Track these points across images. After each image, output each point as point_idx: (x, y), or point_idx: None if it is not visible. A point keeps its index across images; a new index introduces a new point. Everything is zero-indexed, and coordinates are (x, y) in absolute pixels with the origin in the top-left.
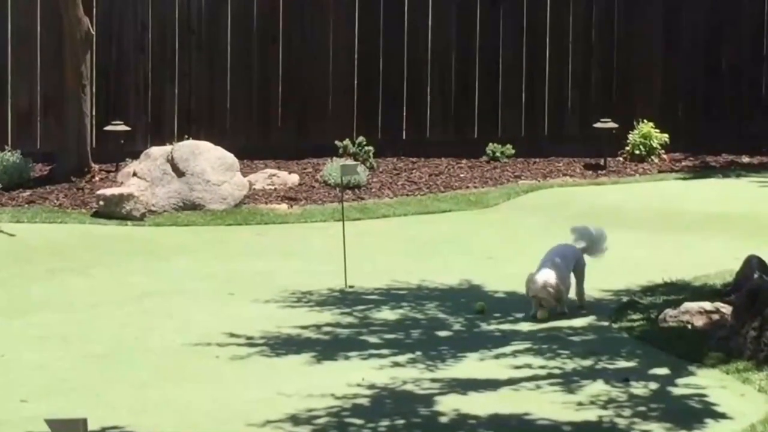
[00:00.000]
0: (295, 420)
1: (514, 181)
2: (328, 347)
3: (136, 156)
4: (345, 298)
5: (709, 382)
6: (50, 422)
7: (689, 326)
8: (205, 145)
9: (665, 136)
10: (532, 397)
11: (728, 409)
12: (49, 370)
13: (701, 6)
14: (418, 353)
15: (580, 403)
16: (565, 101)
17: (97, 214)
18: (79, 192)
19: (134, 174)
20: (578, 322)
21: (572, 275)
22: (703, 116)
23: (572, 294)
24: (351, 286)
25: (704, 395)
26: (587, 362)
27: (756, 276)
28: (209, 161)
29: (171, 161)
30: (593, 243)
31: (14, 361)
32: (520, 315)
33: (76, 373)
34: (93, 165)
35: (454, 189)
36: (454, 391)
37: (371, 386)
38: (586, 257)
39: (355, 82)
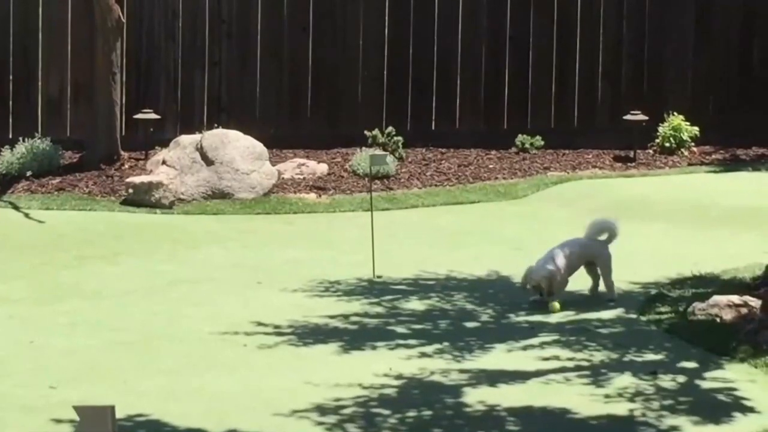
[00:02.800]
0: (321, 409)
1: (544, 173)
2: (355, 337)
3: (165, 144)
4: (373, 288)
5: (737, 375)
6: (78, 409)
7: (718, 320)
8: (235, 134)
9: (695, 129)
10: (560, 390)
11: (757, 403)
12: (78, 356)
13: None
14: (446, 344)
15: (608, 396)
16: (595, 93)
17: (126, 202)
18: (108, 180)
19: (163, 162)
20: (606, 314)
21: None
22: (733, 109)
23: (601, 287)
24: (379, 276)
25: (733, 389)
26: (615, 355)
27: None
28: (238, 150)
29: (200, 150)
30: (612, 231)
31: (43, 348)
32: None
33: (105, 360)
34: (122, 153)
35: (483, 180)
36: (481, 382)
37: (398, 376)
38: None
39: (385, 71)
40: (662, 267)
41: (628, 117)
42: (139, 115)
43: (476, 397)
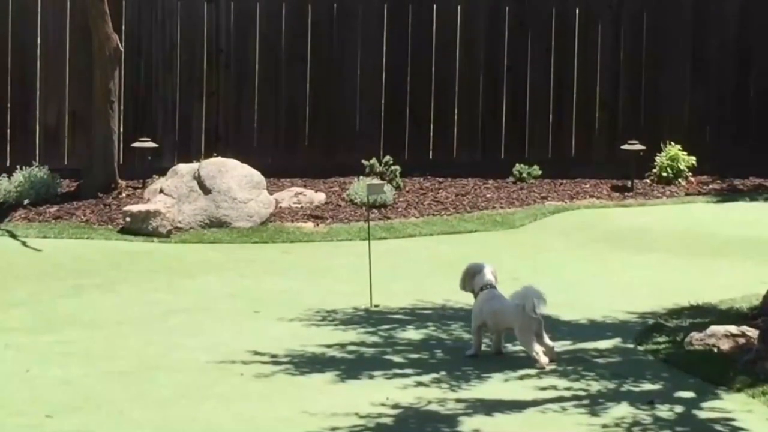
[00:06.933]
0: None
1: (541, 202)
2: (352, 366)
3: (163, 173)
4: (370, 317)
5: (735, 406)
6: None
7: (715, 350)
8: (232, 163)
9: (693, 159)
10: (557, 419)
11: None
12: (74, 386)
13: (729, 28)
14: (443, 373)
15: (605, 426)
16: (592, 123)
17: (124, 231)
18: (105, 208)
19: (161, 191)
20: (603, 344)
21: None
22: (730, 139)
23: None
24: (376, 306)
25: (730, 419)
26: (612, 384)
27: None
28: (236, 179)
29: (198, 178)
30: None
31: (39, 377)
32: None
33: (101, 390)
34: (120, 181)
35: (480, 209)
36: (478, 411)
37: (395, 406)
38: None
39: (383, 101)
40: (659, 297)
41: (625, 147)
42: (137, 144)
43: (473, 427)
